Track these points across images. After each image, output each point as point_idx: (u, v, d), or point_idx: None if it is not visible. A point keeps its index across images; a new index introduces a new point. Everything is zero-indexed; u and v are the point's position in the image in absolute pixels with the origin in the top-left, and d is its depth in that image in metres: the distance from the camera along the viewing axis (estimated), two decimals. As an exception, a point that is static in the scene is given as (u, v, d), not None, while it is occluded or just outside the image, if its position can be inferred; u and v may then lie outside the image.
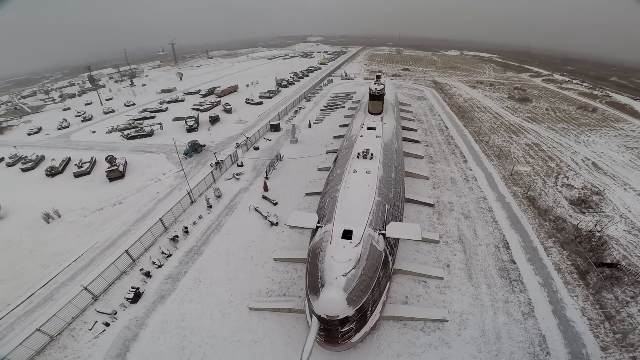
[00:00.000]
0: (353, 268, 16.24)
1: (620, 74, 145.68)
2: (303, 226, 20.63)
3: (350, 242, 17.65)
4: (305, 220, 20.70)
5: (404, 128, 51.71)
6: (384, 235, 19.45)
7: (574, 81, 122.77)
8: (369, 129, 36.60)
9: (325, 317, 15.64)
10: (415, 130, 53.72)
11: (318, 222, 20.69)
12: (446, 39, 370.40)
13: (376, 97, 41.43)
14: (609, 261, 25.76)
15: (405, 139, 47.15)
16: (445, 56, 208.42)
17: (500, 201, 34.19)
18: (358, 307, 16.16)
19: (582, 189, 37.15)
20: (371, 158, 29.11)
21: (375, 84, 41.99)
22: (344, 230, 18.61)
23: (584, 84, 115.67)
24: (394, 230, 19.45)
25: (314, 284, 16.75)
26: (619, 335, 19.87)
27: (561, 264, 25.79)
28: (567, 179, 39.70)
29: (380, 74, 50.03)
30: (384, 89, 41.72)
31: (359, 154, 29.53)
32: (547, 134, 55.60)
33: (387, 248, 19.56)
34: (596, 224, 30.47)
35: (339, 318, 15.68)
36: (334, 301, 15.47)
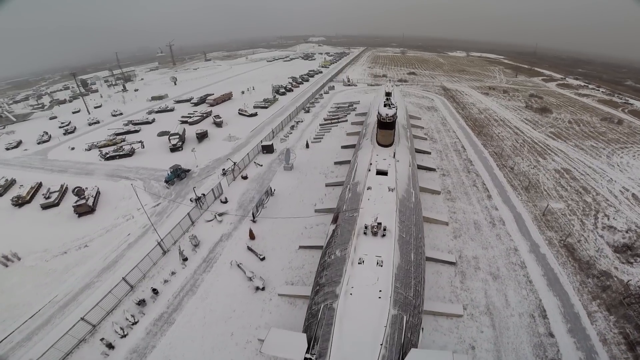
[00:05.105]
0: None
1: (634, 76, 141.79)
2: (285, 357, 14.61)
3: None
4: (289, 347, 14.72)
5: (416, 151, 45.12)
6: None
7: (590, 86, 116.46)
8: (378, 173, 29.78)
9: None
10: (429, 153, 47.05)
11: (307, 350, 14.65)
12: (450, 39, 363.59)
13: (387, 125, 33.91)
14: (662, 327, 20.85)
15: (418, 167, 40.35)
16: (451, 57, 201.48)
17: (534, 252, 28.41)
18: None
19: (627, 232, 31.64)
20: (383, 235, 21.75)
21: (385, 106, 34.29)
22: None
23: (601, 90, 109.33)
24: None
25: None
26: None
27: (607, 334, 21.62)
28: (608, 219, 33.83)
29: (390, 90, 42.58)
30: (396, 113, 34.16)
31: (366, 227, 22.05)
32: (576, 156, 49.38)
33: None
34: (649, 283, 25.12)
35: None
36: None
